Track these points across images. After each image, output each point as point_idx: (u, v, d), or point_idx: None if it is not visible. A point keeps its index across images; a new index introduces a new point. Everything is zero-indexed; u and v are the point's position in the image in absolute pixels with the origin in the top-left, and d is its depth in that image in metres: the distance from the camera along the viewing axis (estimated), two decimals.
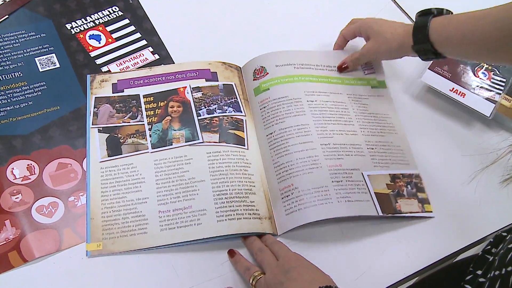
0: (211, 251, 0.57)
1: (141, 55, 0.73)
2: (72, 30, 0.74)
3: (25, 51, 0.71)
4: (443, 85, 0.72)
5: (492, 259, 0.58)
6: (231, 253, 0.56)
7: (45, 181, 0.60)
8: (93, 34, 0.74)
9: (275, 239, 0.57)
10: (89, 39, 0.74)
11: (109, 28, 0.75)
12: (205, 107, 0.66)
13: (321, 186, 0.59)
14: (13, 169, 0.60)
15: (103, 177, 0.60)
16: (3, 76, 0.68)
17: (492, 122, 0.71)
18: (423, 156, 0.66)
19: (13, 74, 0.68)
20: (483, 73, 0.73)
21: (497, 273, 0.52)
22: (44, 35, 0.73)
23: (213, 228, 0.56)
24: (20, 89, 0.67)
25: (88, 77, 0.69)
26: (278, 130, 0.64)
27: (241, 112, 0.67)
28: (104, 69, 0.71)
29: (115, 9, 0.78)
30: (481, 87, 0.71)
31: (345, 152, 0.63)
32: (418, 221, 0.61)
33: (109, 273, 0.54)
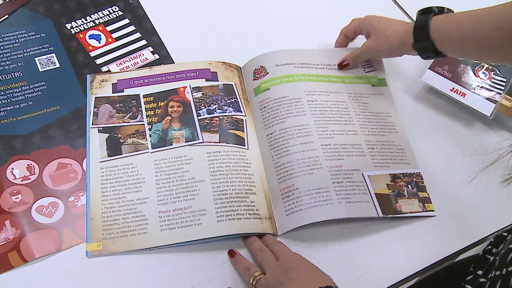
0: (211, 251, 0.57)
1: (141, 55, 0.73)
2: (72, 30, 0.74)
3: (25, 51, 0.71)
4: (444, 85, 0.72)
5: (492, 259, 0.58)
6: (231, 253, 0.56)
7: (45, 181, 0.60)
8: (93, 34, 0.74)
9: (275, 239, 0.57)
10: (89, 39, 0.74)
11: (109, 28, 0.75)
12: (205, 107, 0.66)
13: (321, 187, 0.59)
14: (13, 169, 0.60)
15: (103, 177, 0.60)
16: (3, 76, 0.68)
17: (493, 122, 0.71)
18: (423, 156, 0.66)
19: (13, 74, 0.68)
20: (484, 73, 0.73)
21: (498, 273, 0.52)
22: (44, 35, 0.73)
23: (213, 228, 0.56)
24: (20, 89, 0.67)
25: (88, 77, 0.69)
26: (278, 130, 0.64)
27: (241, 112, 0.67)
28: (104, 69, 0.71)
29: (115, 9, 0.78)
30: (481, 87, 0.71)
31: (345, 152, 0.63)
32: (419, 221, 0.61)
33: (109, 273, 0.54)
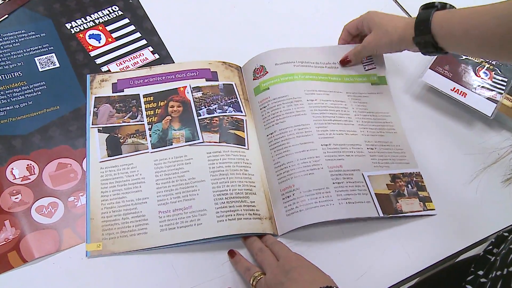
0: (211, 252, 0.57)
1: (141, 54, 0.73)
2: (72, 30, 0.74)
3: (24, 50, 0.71)
4: (444, 84, 0.71)
5: (493, 259, 0.58)
6: (231, 254, 0.56)
7: (44, 181, 0.60)
8: (93, 34, 0.74)
9: (275, 240, 0.57)
10: (89, 38, 0.74)
11: (109, 28, 0.75)
12: (205, 107, 0.66)
13: (322, 188, 0.59)
14: (12, 169, 0.60)
15: (103, 177, 0.60)
16: (3, 76, 0.68)
17: (494, 122, 0.71)
18: (424, 156, 0.66)
19: (12, 74, 0.68)
20: (485, 72, 0.73)
21: (498, 273, 0.52)
22: (44, 34, 0.73)
23: (213, 228, 0.56)
24: (20, 89, 0.67)
25: (88, 76, 0.69)
26: (278, 130, 0.64)
27: (242, 112, 0.67)
28: (104, 68, 0.71)
29: (115, 8, 0.78)
30: (482, 86, 0.71)
31: (345, 152, 0.63)
32: (419, 221, 0.61)
33: (109, 274, 0.54)
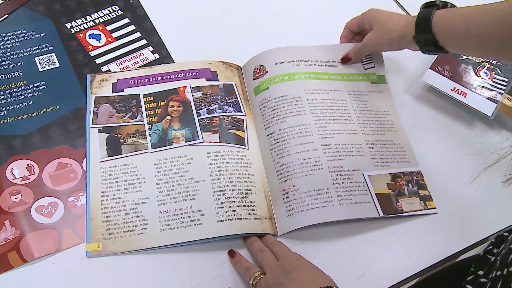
0: (211, 252, 0.57)
1: (141, 54, 0.73)
2: (72, 30, 0.74)
3: (24, 50, 0.71)
4: (445, 84, 0.71)
5: (493, 259, 0.58)
6: (231, 254, 0.56)
7: (44, 181, 0.60)
8: (93, 34, 0.74)
9: (275, 240, 0.57)
10: (89, 38, 0.74)
11: (109, 28, 0.75)
12: (205, 107, 0.66)
13: (322, 188, 0.59)
14: (12, 169, 0.60)
15: (103, 177, 0.60)
16: (3, 75, 0.68)
17: (494, 122, 0.71)
18: (424, 156, 0.66)
19: (12, 73, 0.68)
20: (485, 72, 0.73)
21: (498, 273, 0.52)
22: (44, 34, 0.73)
23: (213, 229, 0.56)
24: (20, 88, 0.67)
25: (88, 76, 0.69)
26: (278, 130, 0.64)
27: (242, 112, 0.67)
28: (104, 68, 0.71)
29: (115, 8, 0.78)
30: (482, 86, 0.71)
31: (345, 152, 0.63)
32: (419, 221, 0.61)
33: (109, 274, 0.54)
